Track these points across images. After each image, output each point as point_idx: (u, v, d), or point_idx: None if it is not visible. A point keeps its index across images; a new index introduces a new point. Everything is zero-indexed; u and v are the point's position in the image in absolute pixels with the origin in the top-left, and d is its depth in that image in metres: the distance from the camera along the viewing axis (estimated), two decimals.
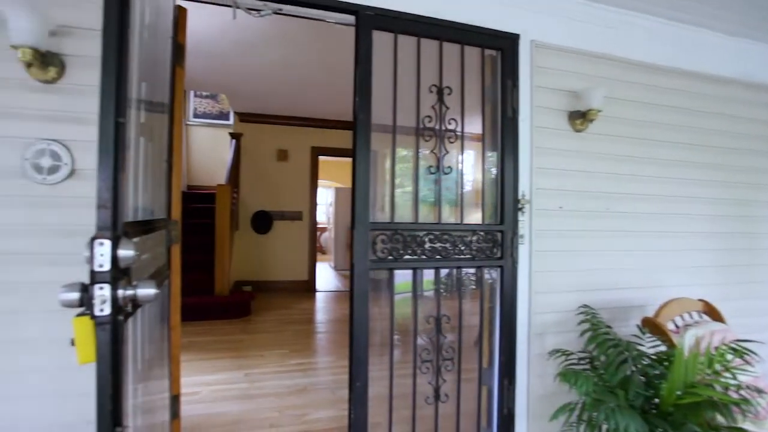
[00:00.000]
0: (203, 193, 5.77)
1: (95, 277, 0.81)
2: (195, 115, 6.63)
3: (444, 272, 1.97)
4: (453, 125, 1.97)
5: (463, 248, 1.96)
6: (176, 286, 1.81)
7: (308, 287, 6.24)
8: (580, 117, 2.13)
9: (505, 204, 2.02)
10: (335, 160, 8.15)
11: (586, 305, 2.01)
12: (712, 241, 2.49)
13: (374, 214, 1.85)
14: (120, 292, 0.84)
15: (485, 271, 2.06)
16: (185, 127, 6.49)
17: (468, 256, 1.97)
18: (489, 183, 2.08)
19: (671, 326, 1.99)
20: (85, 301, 0.80)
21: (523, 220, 2.05)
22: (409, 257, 1.88)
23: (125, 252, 0.85)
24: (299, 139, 6.24)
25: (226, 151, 6.03)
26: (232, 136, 5.80)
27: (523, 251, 2.06)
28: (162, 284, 1.52)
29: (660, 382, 1.58)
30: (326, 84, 4.44)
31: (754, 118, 2.57)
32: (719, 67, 2.48)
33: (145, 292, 0.91)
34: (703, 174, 2.45)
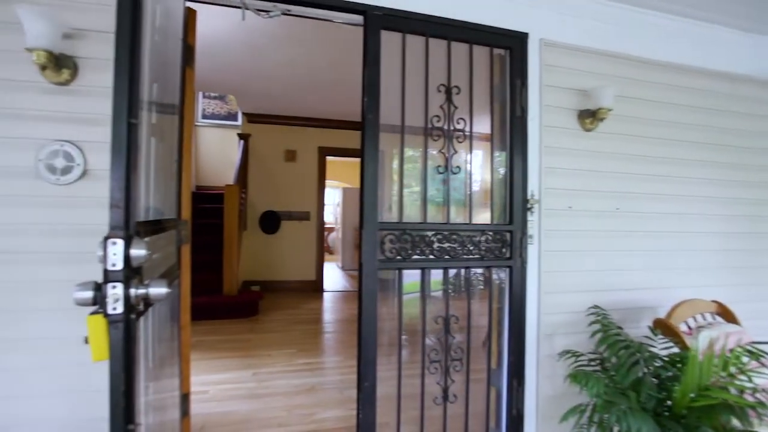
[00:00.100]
0: (212, 193, 5.81)
1: (108, 276, 0.82)
2: (203, 116, 6.69)
3: (452, 272, 1.96)
4: (461, 125, 1.96)
5: (471, 248, 1.95)
6: (186, 286, 1.83)
7: (316, 287, 6.26)
8: (590, 116, 2.11)
9: (514, 204, 2.01)
10: (343, 160, 8.18)
11: (596, 306, 1.99)
12: (725, 241, 2.45)
13: (382, 213, 1.85)
14: (132, 291, 0.85)
15: (494, 271, 2.05)
16: (194, 128, 6.54)
17: (477, 256, 1.95)
18: (498, 183, 2.07)
19: (684, 328, 1.96)
20: (99, 300, 0.82)
21: (532, 220, 2.04)
22: (418, 257, 1.87)
23: (137, 251, 0.86)
24: (307, 140, 6.26)
25: (234, 152, 6.07)
26: (240, 136, 5.84)
27: (532, 251, 2.05)
28: (173, 283, 1.53)
29: (673, 384, 1.56)
30: (334, 84, 4.45)
31: None
32: (735, 65, 2.44)
33: (157, 291, 0.92)
34: (717, 173, 2.42)
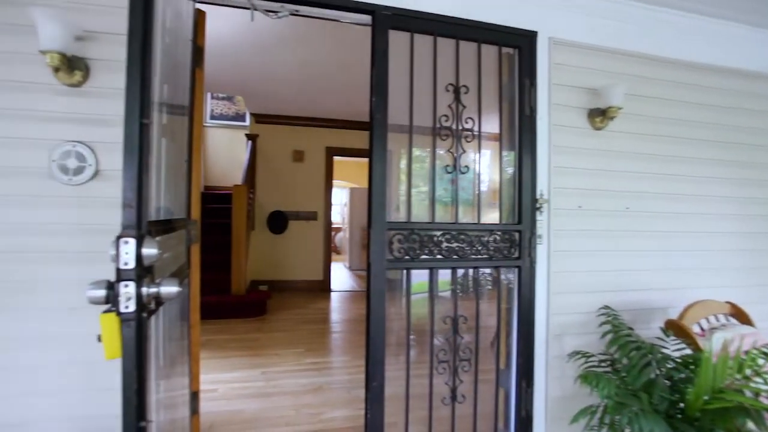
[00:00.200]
0: (220, 193, 5.86)
1: (121, 275, 0.83)
2: (212, 117, 6.74)
3: (460, 272, 1.95)
4: (470, 124, 1.95)
5: (480, 248, 1.94)
6: (195, 285, 1.84)
7: (323, 287, 6.28)
8: (599, 115, 2.09)
9: (523, 203, 1.99)
10: (350, 160, 8.20)
11: (606, 306, 1.97)
12: (739, 241, 2.41)
13: (390, 213, 1.85)
14: (144, 290, 0.86)
15: (502, 271, 2.04)
16: (202, 129, 6.60)
17: (485, 256, 1.94)
18: (506, 182, 2.06)
19: (696, 329, 1.93)
20: (111, 298, 0.83)
21: (541, 219, 2.02)
22: (426, 257, 1.87)
23: (149, 250, 0.87)
24: (314, 140, 6.29)
25: (242, 152, 6.12)
26: (248, 137, 5.88)
27: (541, 251, 2.03)
28: (183, 282, 1.55)
29: (685, 386, 1.54)
30: (342, 84, 4.46)
31: None
32: (747, 61, 2.40)
33: (168, 289, 0.93)
34: (729, 172, 2.38)
